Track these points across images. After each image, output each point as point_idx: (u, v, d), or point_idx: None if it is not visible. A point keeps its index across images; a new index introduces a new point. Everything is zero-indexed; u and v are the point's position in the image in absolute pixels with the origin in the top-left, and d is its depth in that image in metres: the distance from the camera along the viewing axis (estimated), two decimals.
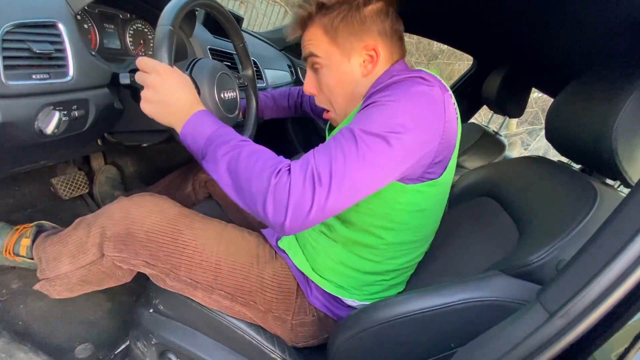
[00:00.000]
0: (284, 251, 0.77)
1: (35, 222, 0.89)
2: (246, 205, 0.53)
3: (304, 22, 0.69)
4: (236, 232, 0.78)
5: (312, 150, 0.54)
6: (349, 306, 0.74)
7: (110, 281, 0.78)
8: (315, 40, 0.67)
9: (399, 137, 0.52)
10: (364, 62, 0.67)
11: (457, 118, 0.61)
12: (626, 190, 0.62)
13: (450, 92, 0.61)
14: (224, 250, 0.72)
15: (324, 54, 0.67)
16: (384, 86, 0.59)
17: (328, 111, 0.75)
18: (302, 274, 0.75)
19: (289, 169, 0.51)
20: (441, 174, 0.62)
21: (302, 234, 0.77)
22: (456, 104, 0.63)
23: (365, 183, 0.51)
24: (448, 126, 0.58)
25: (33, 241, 0.83)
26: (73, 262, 0.74)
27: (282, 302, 0.73)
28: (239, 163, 0.53)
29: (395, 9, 0.68)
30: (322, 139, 0.67)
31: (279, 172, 0.50)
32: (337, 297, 0.73)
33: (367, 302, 0.72)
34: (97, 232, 0.71)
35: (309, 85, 0.73)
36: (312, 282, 0.74)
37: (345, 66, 0.67)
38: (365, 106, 0.58)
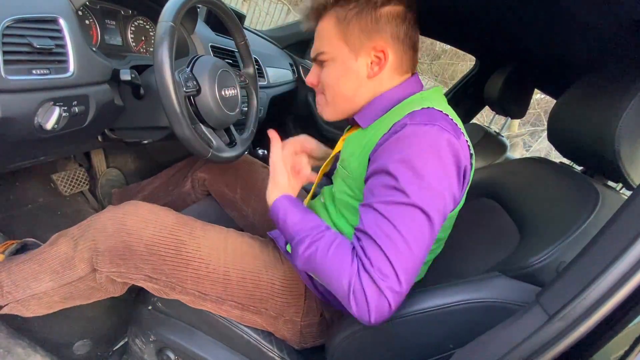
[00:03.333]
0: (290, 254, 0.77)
1: (23, 240, 0.83)
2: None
3: (319, 13, 0.67)
4: (239, 238, 0.76)
5: (362, 237, 0.54)
6: None
7: (99, 295, 0.73)
8: (326, 33, 0.66)
9: (437, 207, 0.53)
10: (371, 63, 0.65)
11: (470, 150, 0.60)
12: (628, 193, 0.62)
13: (464, 131, 0.59)
14: (231, 260, 0.70)
15: (331, 48, 0.66)
16: (406, 135, 0.55)
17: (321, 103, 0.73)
18: (310, 275, 0.74)
19: (361, 281, 0.51)
20: (459, 202, 0.62)
21: None
22: (465, 132, 0.60)
23: (423, 258, 0.54)
24: (469, 168, 0.58)
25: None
26: (56, 279, 0.68)
27: (293, 305, 0.72)
28: (316, 265, 0.56)
29: (414, 16, 0.66)
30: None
31: (351, 283, 0.52)
32: None
33: None
34: (87, 247, 0.66)
35: (312, 77, 0.72)
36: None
37: (351, 63, 0.65)
38: (391, 144, 0.55)
